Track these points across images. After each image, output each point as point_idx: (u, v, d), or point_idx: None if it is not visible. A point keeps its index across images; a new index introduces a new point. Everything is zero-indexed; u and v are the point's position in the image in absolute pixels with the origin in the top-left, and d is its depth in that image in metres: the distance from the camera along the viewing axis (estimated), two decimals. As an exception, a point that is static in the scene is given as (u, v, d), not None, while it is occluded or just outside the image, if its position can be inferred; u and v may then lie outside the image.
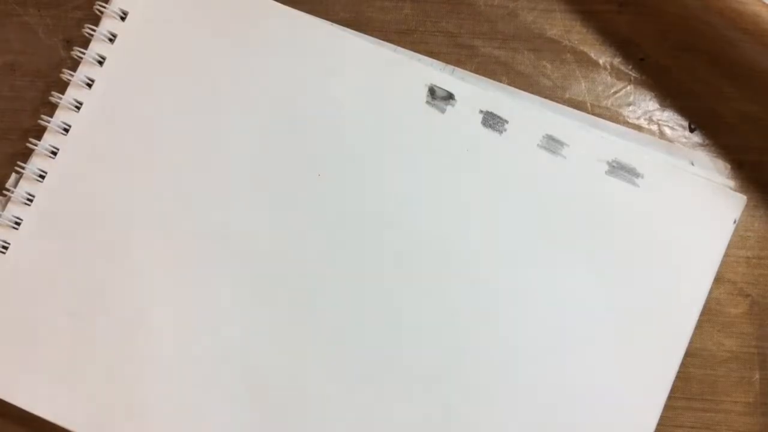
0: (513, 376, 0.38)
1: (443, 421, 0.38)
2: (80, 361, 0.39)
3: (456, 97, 0.40)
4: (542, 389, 0.38)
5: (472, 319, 0.38)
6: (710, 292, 0.38)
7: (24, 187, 0.40)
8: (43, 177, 0.40)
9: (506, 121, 0.39)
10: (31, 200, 0.40)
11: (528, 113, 0.39)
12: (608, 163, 0.39)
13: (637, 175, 0.39)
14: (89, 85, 0.41)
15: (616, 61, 0.41)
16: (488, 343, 0.38)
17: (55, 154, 0.41)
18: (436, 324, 0.38)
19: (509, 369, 0.38)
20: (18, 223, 0.40)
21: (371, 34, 0.41)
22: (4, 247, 0.40)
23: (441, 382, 0.38)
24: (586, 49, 0.41)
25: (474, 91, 0.40)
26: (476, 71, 0.41)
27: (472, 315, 0.38)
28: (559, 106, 0.40)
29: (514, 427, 0.37)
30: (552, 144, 0.39)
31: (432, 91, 0.40)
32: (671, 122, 0.40)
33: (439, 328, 0.38)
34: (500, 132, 0.39)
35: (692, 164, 0.39)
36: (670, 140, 0.40)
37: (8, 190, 0.40)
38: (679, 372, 0.37)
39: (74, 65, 0.41)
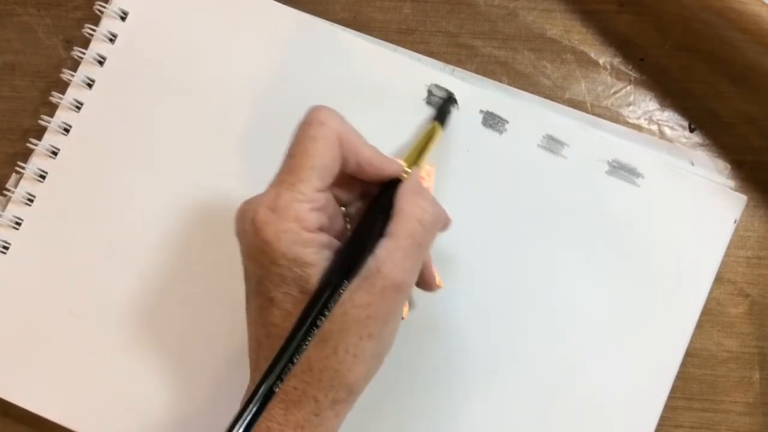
0: (513, 376, 0.38)
1: (443, 416, 0.38)
2: (80, 361, 0.39)
3: (456, 97, 0.39)
4: (543, 389, 0.38)
5: (468, 318, 0.38)
6: (710, 292, 0.38)
7: (24, 187, 0.40)
8: (43, 177, 0.40)
9: (506, 121, 0.39)
10: (31, 200, 0.40)
11: (528, 113, 0.39)
12: (608, 163, 0.39)
13: (637, 175, 0.39)
14: (89, 85, 0.41)
15: (616, 61, 0.41)
16: (488, 343, 0.38)
17: (55, 154, 0.41)
18: (432, 322, 0.38)
19: (509, 368, 0.38)
20: (18, 223, 0.40)
21: (371, 34, 0.41)
22: (4, 247, 0.40)
23: (439, 380, 0.38)
24: (586, 49, 0.41)
25: (474, 91, 0.40)
26: (476, 71, 0.41)
27: (469, 315, 0.38)
28: (559, 106, 0.40)
29: (515, 425, 0.37)
30: (552, 144, 0.39)
31: (432, 92, 0.40)
32: (671, 122, 0.40)
33: (435, 325, 0.38)
34: (500, 132, 0.39)
35: (692, 164, 0.39)
36: (670, 140, 0.40)
37: (8, 190, 0.40)
38: (679, 372, 0.37)
39: (74, 65, 0.41)
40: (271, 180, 0.29)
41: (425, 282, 0.34)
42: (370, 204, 0.31)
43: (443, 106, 0.39)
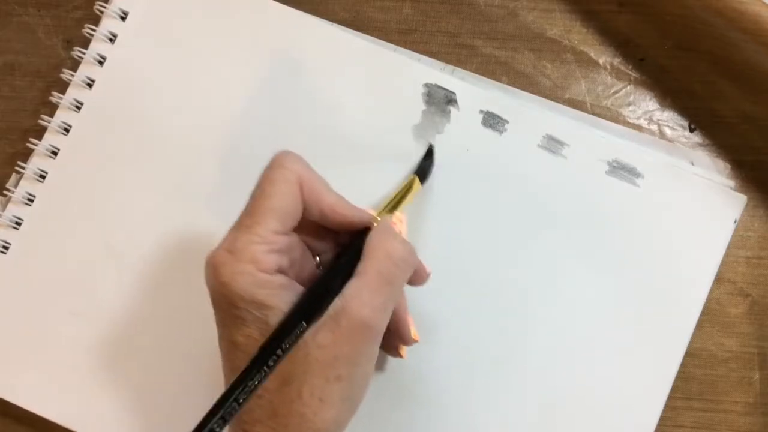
0: (514, 376, 0.38)
1: (444, 416, 0.38)
2: (80, 361, 0.39)
3: (456, 97, 0.40)
4: (543, 389, 0.38)
5: (469, 319, 0.38)
6: (710, 292, 0.38)
7: (24, 187, 0.40)
8: (43, 177, 0.40)
9: (506, 121, 0.39)
10: (31, 200, 0.40)
11: (528, 113, 0.39)
12: (608, 163, 0.39)
13: (637, 175, 0.39)
14: (89, 86, 0.41)
15: (616, 61, 0.41)
16: (488, 343, 0.38)
17: (55, 154, 0.41)
18: (433, 322, 0.38)
19: (510, 368, 0.38)
20: (18, 223, 0.40)
21: (371, 34, 0.41)
22: (4, 247, 0.40)
23: (440, 379, 0.38)
24: (586, 49, 0.41)
25: (474, 91, 0.40)
26: (476, 71, 0.41)
27: (470, 315, 0.38)
28: (559, 106, 0.40)
29: (514, 426, 0.37)
30: (552, 144, 0.39)
31: (432, 92, 0.40)
32: (671, 122, 0.40)
33: (436, 325, 0.38)
34: (500, 132, 0.39)
35: (692, 164, 0.39)
36: (670, 140, 0.40)
37: (8, 190, 0.40)
38: (679, 372, 0.37)
39: (74, 65, 0.41)
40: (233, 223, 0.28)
41: (400, 335, 0.33)
42: (339, 249, 0.31)
43: (423, 161, 0.38)
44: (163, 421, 0.38)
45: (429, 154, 0.39)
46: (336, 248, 0.32)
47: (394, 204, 0.35)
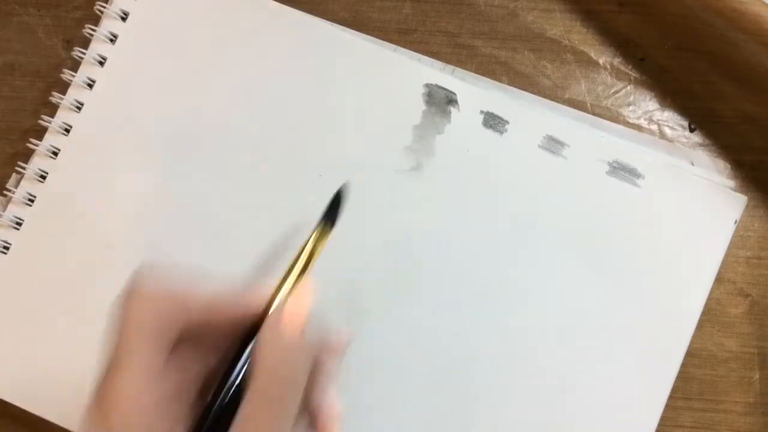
0: (514, 376, 0.38)
1: (444, 417, 0.38)
2: (80, 362, 0.39)
3: (456, 98, 0.40)
4: (543, 389, 0.38)
5: (470, 319, 0.38)
6: (710, 292, 0.38)
7: (25, 188, 0.40)
8: (44, 177, 0.40)
9: (507, 122, 0.39)
10: (32, 201, 0.40)
11: (529, 113, 0.39)
12: (609, 163, 0.39)
13: (637, 175, 0.39)
14: (90, 86, 0.41)
15: (616, 61, 0.41)
16: (489, 344, 0.38)
17: (56, 154, 0.41)
18: (434, 323, 0.38)
19: (510, 369, 0.38)
20: (19, 224, 0.40)
21: (371, 34, 0.41)
22: (5, 248, 0.40)
23: (441, 380, 0.38)
24: (586, 49, 0.41)
25: (474, 92, 0.40)
26: (476, 71, 0.41)
27: (471, 315, 0.38)
28: (560, 106, 0.40)
29: (515, 426, 0.37)
30: (553, 144, 0.39)
31: (432, 92, 0.40)
32: (671, 122, 0.40)
33: (438, 326, 0.38)
34: (501, 132, 0.39)
35: (692, 164, 0.39)
36: (670, 140, 0.40)
37: (9, 190, 0.40)
38: (679, 372, 0.37)
39: (74, 65, 0.41)
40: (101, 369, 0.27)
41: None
42: (227, 364, 0.28)
43: (331, 208, 0.32)
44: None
45: (337, 201, 0.32)
46: (232, 338, 0.28)
47: (299, 271, 0.30)
